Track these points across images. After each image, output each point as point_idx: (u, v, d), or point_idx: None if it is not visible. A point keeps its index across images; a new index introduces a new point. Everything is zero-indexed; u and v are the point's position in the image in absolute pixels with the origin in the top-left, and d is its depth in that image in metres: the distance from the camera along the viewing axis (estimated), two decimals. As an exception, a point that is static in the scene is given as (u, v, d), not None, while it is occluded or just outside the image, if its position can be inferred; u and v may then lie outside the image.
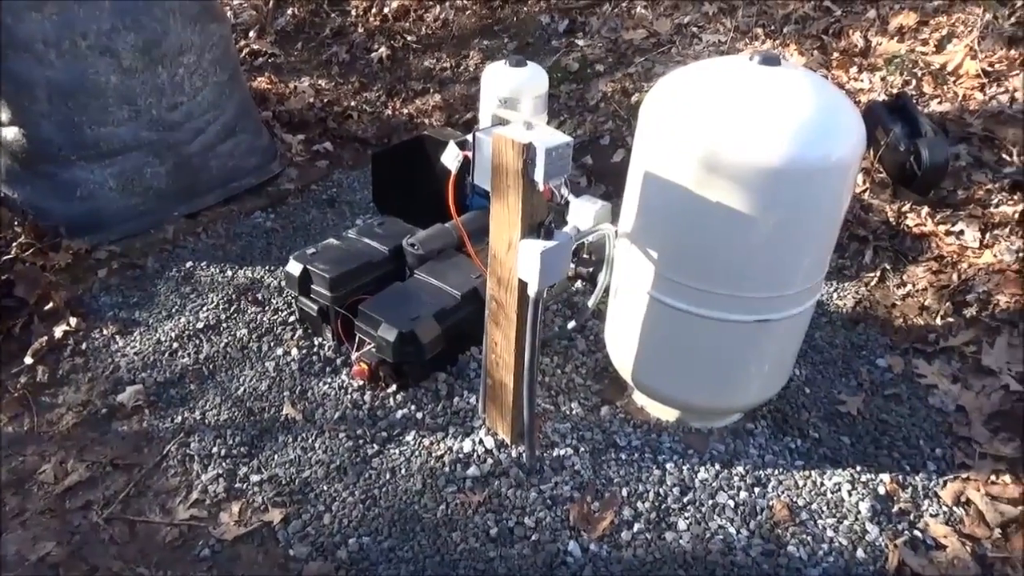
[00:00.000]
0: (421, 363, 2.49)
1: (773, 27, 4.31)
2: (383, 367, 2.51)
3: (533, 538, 2.10)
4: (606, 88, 4.12)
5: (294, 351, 2.69)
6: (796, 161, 1.85)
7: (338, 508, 2.18)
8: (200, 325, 2.79)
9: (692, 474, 2.28)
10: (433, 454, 2.33)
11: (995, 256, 2.89)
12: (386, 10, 5.15)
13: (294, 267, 2.66)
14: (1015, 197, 3.06)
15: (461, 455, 2.32)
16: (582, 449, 2.35)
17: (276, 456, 2.33)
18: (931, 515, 2.19)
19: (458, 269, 2.68)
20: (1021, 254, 2.87)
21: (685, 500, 2.21)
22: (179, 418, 2.46)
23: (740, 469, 2.30)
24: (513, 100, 2.72)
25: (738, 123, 1.87)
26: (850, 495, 2.23)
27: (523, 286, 2.01)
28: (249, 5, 5.30)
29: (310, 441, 2.37)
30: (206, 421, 2.44)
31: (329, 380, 2.58)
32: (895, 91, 3.62)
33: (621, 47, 4.40)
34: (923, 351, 2.69)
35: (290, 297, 2.90)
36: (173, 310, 2.88)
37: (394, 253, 2.77)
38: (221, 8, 3.44)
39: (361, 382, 2.54)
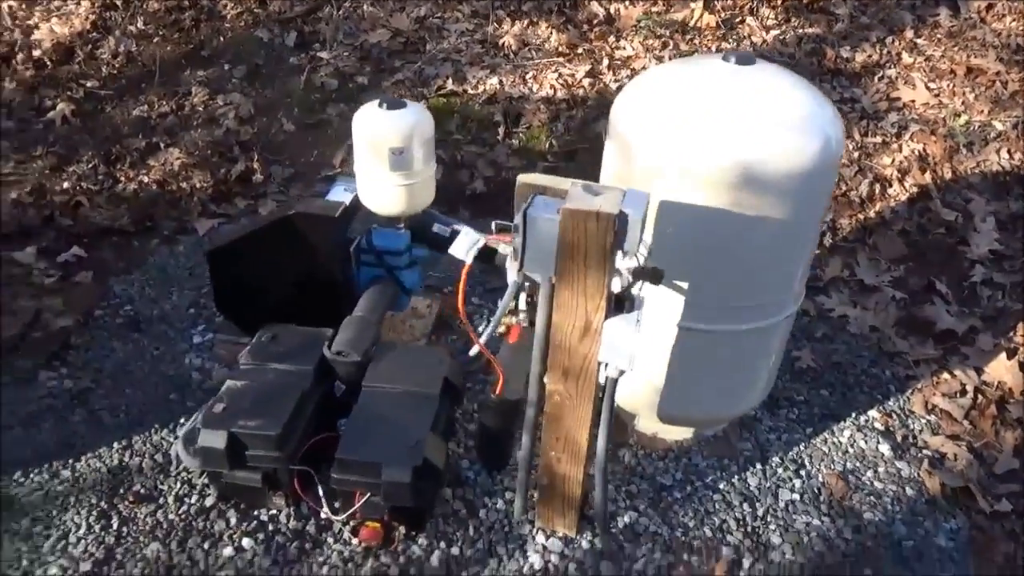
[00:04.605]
0: (438, 492, 2.04)
1: (513, 7, 4.25)
2: (395, 516, 2.00)
3: (673, 628, 1.89)
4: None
5: (246, 542, 2.00)
6: (820, 157, 1.83)
7: None
8: (86, 567, 1.92)
9: (745, 484, 2.25)
10: (506, 589, 1.95)
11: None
12: (37, 53, 3.95)
13: (215, 438, 1.94)
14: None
15: (539, 575, 1.97)
16: (642, 506, 2.16)
17: None
18: (919, 431, 2.46)
19: (412, 363, 2.21)
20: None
21: (759, 512, 2.17)
22: None
23: (775, 459, 2.33)
24: (407, 150, 2.26)
25: (770, 132, 1.78)
26: (866, 442, 2.40)
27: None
28: None
29: (356, 648, 1.81)
30: None
31: (321, 558, 1.98)
32: (658, 53, 3.85)
33: (372, 52, 3.98)
34: (818, 287, 2.96)
35: (191, 474, 2.14)
36: (24, 561, 1.93)
37: (318, 371, 2.18)
38: None
39: (373, 543, 1.99)
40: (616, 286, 1.66)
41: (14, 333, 2.51)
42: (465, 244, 1.75)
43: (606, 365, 1.73)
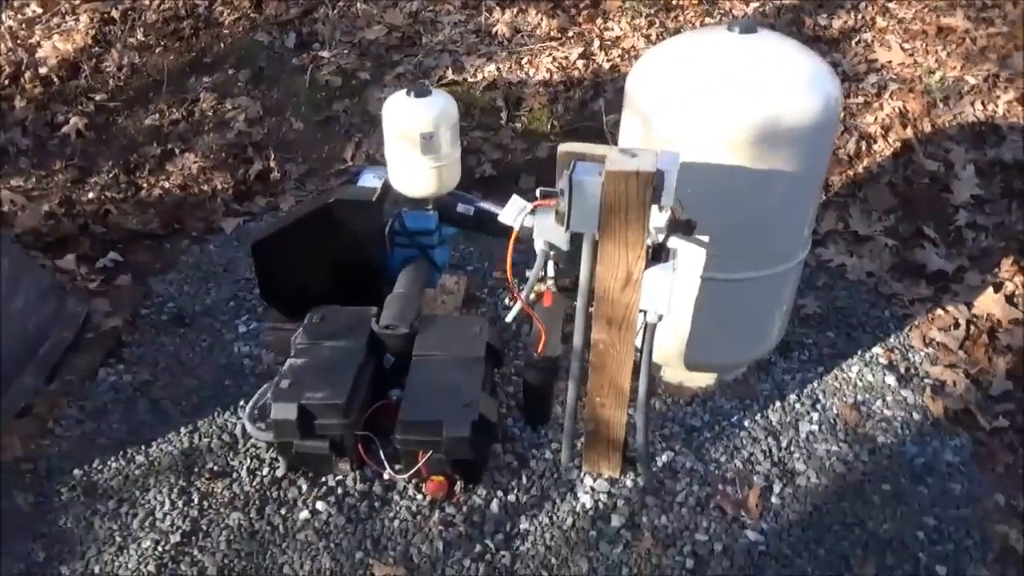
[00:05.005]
0: (492, 445, 2.22)
1: (502, -4, 4.40)
2: (455, 469, 2.17)
3: (718, 548, 2.08)
4: (384, 96, 3.85)
5: (320, 505, 2.17)
6: (824, 113, 2.02)
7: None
8: (176, 538, 2.08)
9: (767, 420, 2.45)
10: (563, 528, 2.13)
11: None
12: (43, 70, 4.05)
13: (287, 410, 2.11)
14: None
15: (591, 512, 2.16)
16: (677, 447, 2.35)
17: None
18: (919, 362, 2.67)
19: (456, 332, 2.39)
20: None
21: (783, 444, 2.37)
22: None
23: (792, 396, 2.53)
24: (436, 134, 2.42)
25: (780, 93, 1.97)
26: (873, 376, 2.60)
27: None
28: None
29: (437, 588, 1.99)
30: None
31: (391, 514, 2.15)
32: (646, 32, 4.02)
33: (371, 49, 4.12)
34: (816, 240, 3.16)
35: (258, 450, 2.31)
36: (117, 538, 2.09)
37: (369, 345, 2.35)
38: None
39: (439, 495, 2.16)
40: (652, 239, 1.84)
41: (72, 337, 2.64)
42: (513, 210, 1.91)
43: (646, 312, 1.92)
